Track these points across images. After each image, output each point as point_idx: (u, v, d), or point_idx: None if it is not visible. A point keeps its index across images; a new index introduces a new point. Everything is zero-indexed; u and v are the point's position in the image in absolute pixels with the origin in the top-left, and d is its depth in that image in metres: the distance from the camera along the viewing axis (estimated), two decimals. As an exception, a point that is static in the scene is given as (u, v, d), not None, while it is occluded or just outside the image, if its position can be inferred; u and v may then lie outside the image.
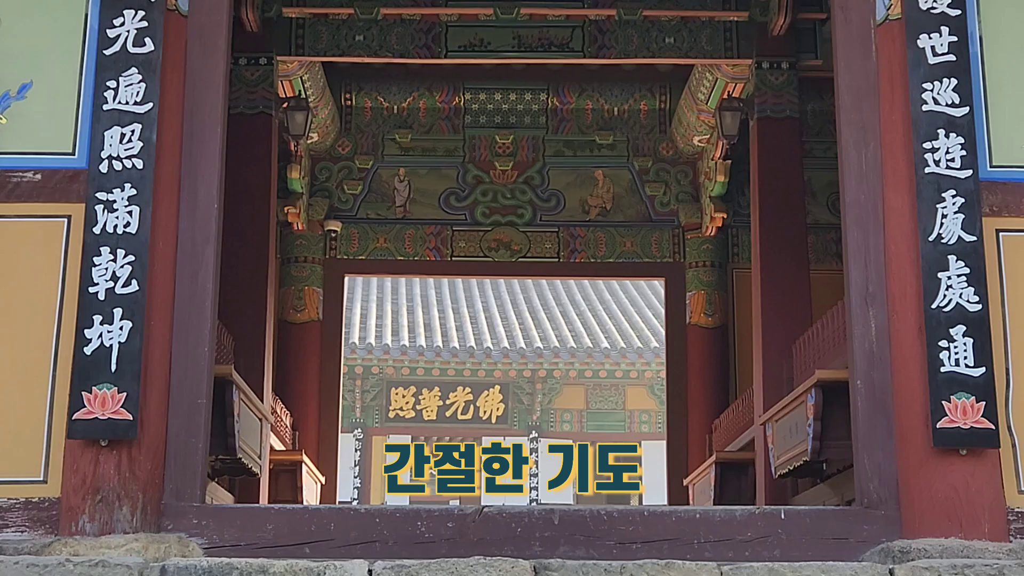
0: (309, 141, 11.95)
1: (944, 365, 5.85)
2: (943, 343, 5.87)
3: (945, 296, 5.92)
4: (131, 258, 5.87)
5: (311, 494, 10.56)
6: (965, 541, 5.70)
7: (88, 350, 5.75)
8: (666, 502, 12.22)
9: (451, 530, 5.89)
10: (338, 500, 12.08)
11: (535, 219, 12.52)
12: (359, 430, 32.52)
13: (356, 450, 32.50)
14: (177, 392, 5.95)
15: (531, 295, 34.07)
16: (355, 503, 32.18)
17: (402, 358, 31.51)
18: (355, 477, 32.33)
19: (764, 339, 9.33)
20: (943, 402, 5.82)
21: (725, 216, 11.98)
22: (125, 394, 5.73)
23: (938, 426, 5.81)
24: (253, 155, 9.77)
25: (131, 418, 5.73)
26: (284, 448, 10.71)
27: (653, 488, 32.93)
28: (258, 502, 8.84)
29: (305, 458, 10.12)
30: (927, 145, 6.08)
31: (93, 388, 5.72)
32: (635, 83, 12.44)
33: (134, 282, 5.85)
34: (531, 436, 33.13)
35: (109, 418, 5.70)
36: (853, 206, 6.26)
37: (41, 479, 5.83)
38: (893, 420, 5.99)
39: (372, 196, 12.53)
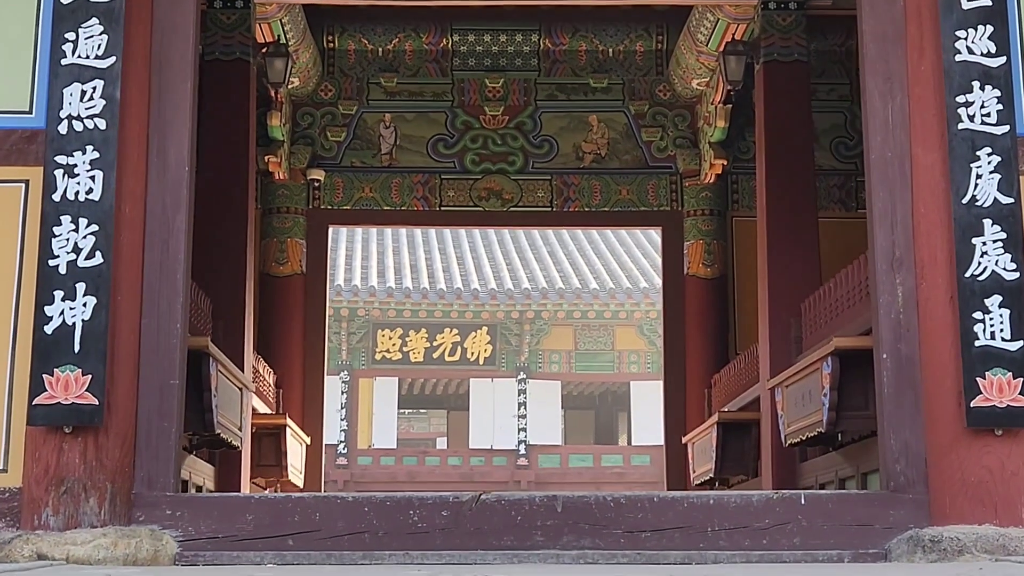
0: (290, 86, 11.40)
1: (978, 338, 5.41)
2: (977, 314, 5.43)
3: (979, 263, 5.46)
4: (94, 227, 5.37)
5: (296, 457, 10.14)
6: (1001, 528, 5.28)
7: (49, 329, 5.28)
8: (664, 461, 11.82)
9: (446, 519, 5.46)
10: (324, 455, 11.65)
11: (527, 166, 12.02)
12: (345, 372, 32.13)
13: (343, 393, 32.12)
14: (147, 372, 5.49)
15: (519, 235, 33.59)
16: (342, 446, 31.88)
17: (388, 300, 31.07)
18: (342, 420, 31.99)
19: (771, 295, 8.88)
20: (977, 379, 5.38)
21: (725, 163, 11.50)
22: (90, 376, 5.27)
23: (972, 405, 5.38)
24: (230, 103, 9.25)
25: (97, 402, 5.27)
26: (268, 410, 10.27)
27: (645, 430, 32.78)
28: (240, 474, 8.41)
29: (289, 422, 9.68)
30: (960, 98, 5.60)
31: (55, 370, 5.25)
32: (631, 23, 11.90)
33: (98, 254, 5.36)
34: (519, 377, 32.77)
35: (73, 403, 5.23)
36: (878, 164, 5.79)
37: (1, 468, 5.38)
38: (921, 396, 5.55)
39: (356, 143, 12.01)
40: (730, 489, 10.30)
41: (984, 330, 5.40)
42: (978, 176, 5.54)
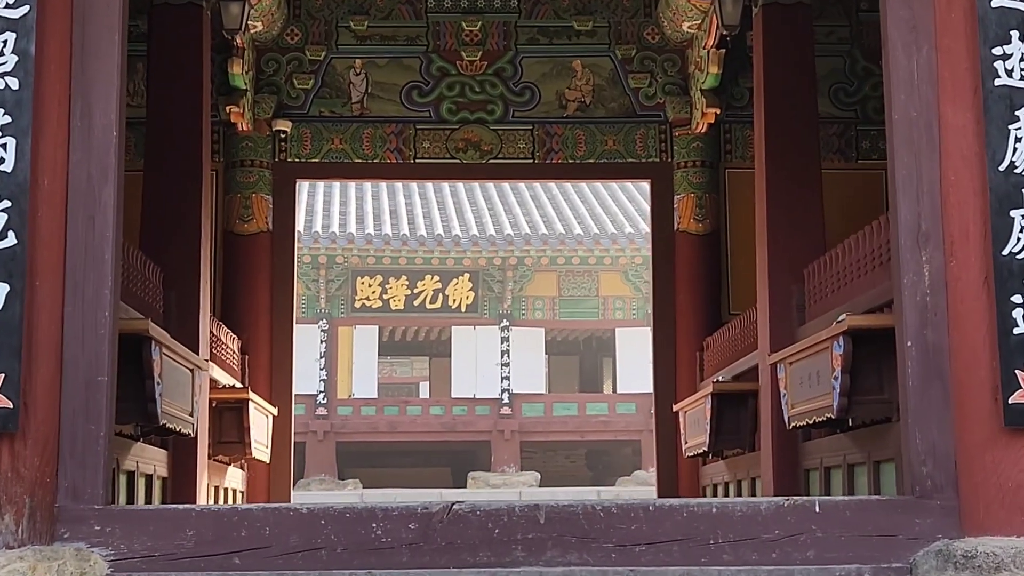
0: (253, 31, 10.63)
1: (1017, 325, 4.75)
2: (1016, 298, 4.77)
3: (1019, 239, 4.80)
4: (6, 204, 4.67)
5: (260, 431, 9.48)
6: (1043, 541, 4.66)
7: (-46, 321, 4.59)
8: (654, 430, 11.19)
9: (414, 532, 4.81)
10: (292, 428, 11.00)
11: (507, 115, 11.29)
12: (324, 321, 31.48)
13: (322, 341, 31.48)
14: (72, 369, 4.80)
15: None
16: (321, 396, 31.28)
17: (367, 247, 30.37)
18: (321, 369, 31.38)
19: (771, 257, 8.20)
20: (1017, 371, 4.73)
21: (718, 111, 10.79)
22: (2, 375, 4.59)
23: (1010, 401, 4.73)
24: (181, 51, 8.50)
25: (11, 405, 4.59)
26: (231, 380, 9.60)
27: (630, 377, 32.22)
28: (196, 458, 7.74)
29: (252, 395, 9.02)
30: (996, 50, 4.91)
31: (-38, 369, 4.57)
32: (617, -39, 11.17)
33: (11, 234, 4.66)
34: (502, 324, 32.15)
35: (-17, 406, 4.56)
36: (902, 125, 5.10)
37: (-96, 479, 4.70)
38: (950, 390, 4.90)
39: (325, 91, 11.26)
40: (723, 461, 9.69)
41: (1024, 316, 4.75)
42: (1017, 139, 4.86)
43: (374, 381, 32.49)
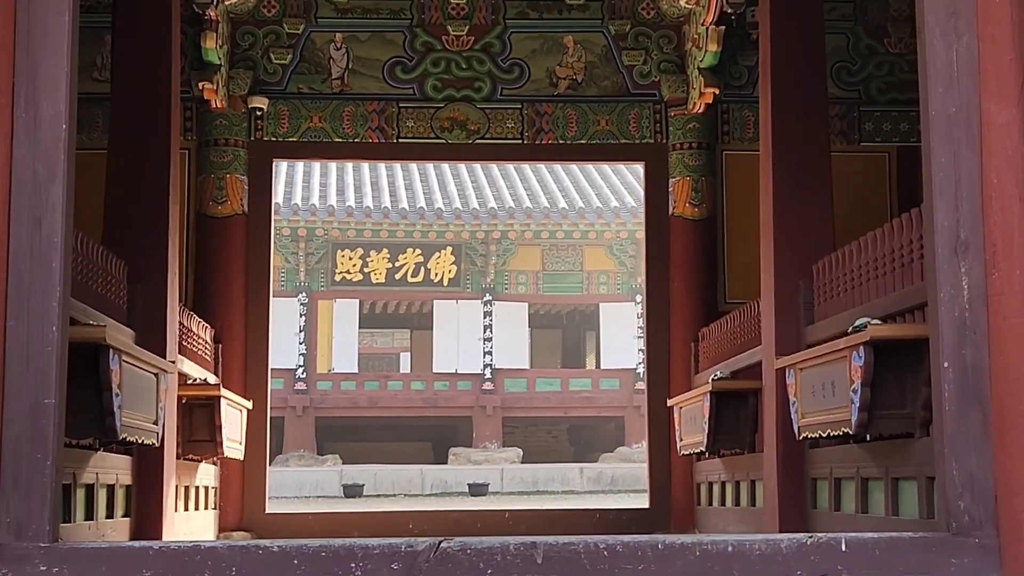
0: (227, 2, 10.07)
1: (1068, 346, 4.29)
2: (1067, 316, 4.30)
3: (1071, 251, 4.33)
4: (-60, 206, 4.16)
5: (234, 428, 8.99)
6: (1093, 586, 4.20)
7: None
8: (646, 425, 10.73)
9: (397, 573, 4.33)
10: (268, 420, 10.50)
11: (495, 93, 10.77)
12: (304, 294, 30.94)
13: (301, 315, 30.95)
14: (15, 391, 4.29)
15: (484, 151, 32.31)
16: (300, 370, 30.75)
17: (348, 220, 29.81)
18: (300, 343, 30.86)
19: (776, 249, 7.69)
20: (1067, 398, 4.27)
21: (717, 91, 10.28)
22: (-65, 400, 4.09)
23: (1060, 430, 4.27)
24: (148, 22, 7.93)
25: (-55, 433, 4.09)
26: (203, 372, 9.10)
27: (614, 352, 31.78)
28: (162, 466, 7.24)
29: (224, 392, 8.52)
30: (1047, 40, 4.42)
31: None
32: (611, -68, 10.64)
33: (-55, 241, 4.15)
34: (485, 299, 31.66)
35: (-87, 435, 4.06)
36: (940, 120, 4.61)
37: None
38: (990, 416, 4.43)
39: (304, 67, 10.71)
40: (720, 458, 9.23)
41: (1076, 336, 4.28)
42: (1069, 140, 4.38)
43: (354, 355, 32.00)
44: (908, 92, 10.79)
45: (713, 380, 8.65)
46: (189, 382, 8.75)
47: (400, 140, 10.66)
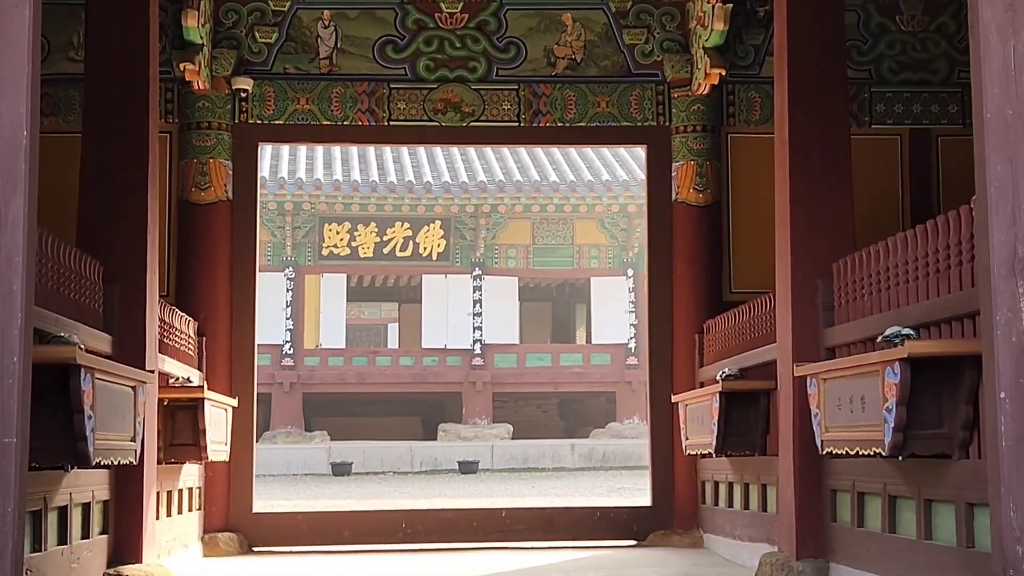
0: (209, -22, 9.59)
1: None
2: None
3: None
4: None
5: (218, 429, 8.55)
6: None
7: None
8: (648, 419, 10.32)
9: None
10: (255, 417, 10.07)
11: (490, 74, 10.29)
12: (290, 269, 30.51)
13: (288, 290, 30.52)
14: (-29, 430, 3.86)
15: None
16: (287, 346, 30.31)
17: (335, 193, 29.34)
18: (287, 319, 30.44)
19: (793, 244, 7.23)
20: None
21: (723, 72, 9.82)
22: None
23: None
24: (121, 5, 7.43)
25: None
26: (186, 369, 8.66)
27: (605, 326, 31.38)
28: (142, 483, 6.79)
29: (208, 393, 8.08)
30: (1117, 37, 4.00)
31: None
32: (612, -97, 10.17)
33: None
34: (474, 273, 31.25)
35: None
36: (995, 124, 4.18)
37: None
38: (1052, 452, 4.03)
39: (290, 46, 10.23)
40: (727, 457, 8.82)
41: None
42: None
43: (342, 331, 31.59)
44: (921, 72, 10.37)
45: (723, 380, 8.23)
46: (171, 382, 8.32)
47: (391, 123, 10.19)
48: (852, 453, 5.72)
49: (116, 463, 5.65)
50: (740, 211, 10.19)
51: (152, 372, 6.34)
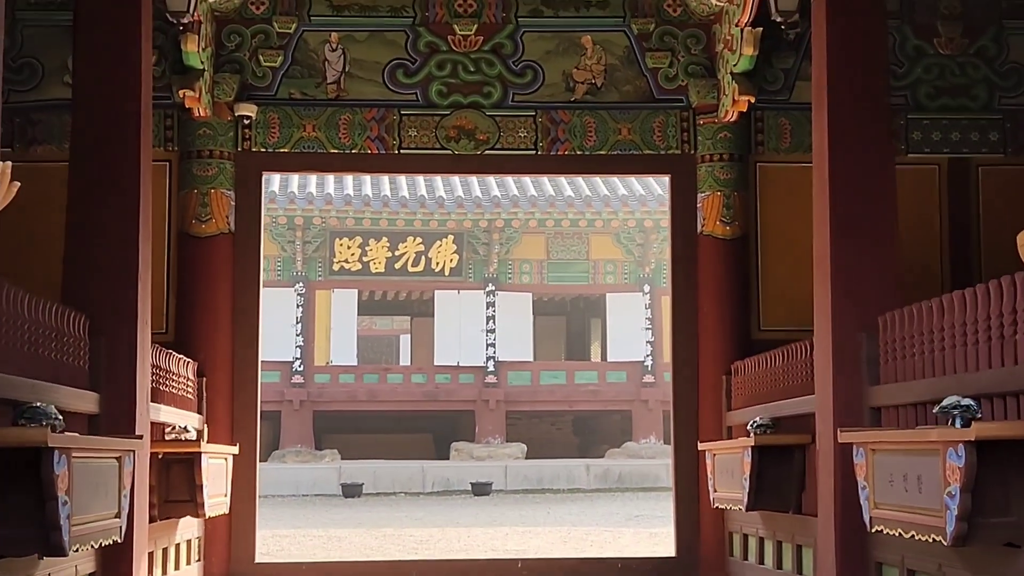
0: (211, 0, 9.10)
1: None
2: None
3: None
4: None
5: (218, 482, 8.05)
6: None
7: None
8: (672, 462, 9.79)
9: None
10: (257, 465, 9.55)
11: (506, 99, 9.80)
12: (300, 284, 30.00)
13: (298, 306, 30.02)
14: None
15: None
16: (297, 363, 29.81)
17: (346, 208, 28.83)
18: (297, 335, 29.94)
19: (834, 291, 6.71)
20: None
21: (752, 99, 9.31)
22: None
23: None
24: (114, 18, 6.92)
25: None
26: (185, 421, 8.15)
27: (621, 343, 30.83)
28: (131, 563, 6.27)
29: (206, 447, 7.57)
30: None
31: None
32: (634, -80, 9.67)
33: None
34: (487, 289, 30.72)
35: None
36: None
37: None
38: None
39: (296, 70, 9.74)
40: (759, 512, 8.28)
41: None
42: None
43: (353, 347, 31.08)
44: (960, 98, 9.83)
45: (755, 433, 7.70)
46: (167, 431, 7.83)
47: (402, 151, 9.70)
48: (907, 536, 5.18)
49: (98, 545, 5.15)
50: (769, 245, 9.68)
51: (140, 438, 5.84)
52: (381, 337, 39.93)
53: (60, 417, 4.89)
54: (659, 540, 15.33)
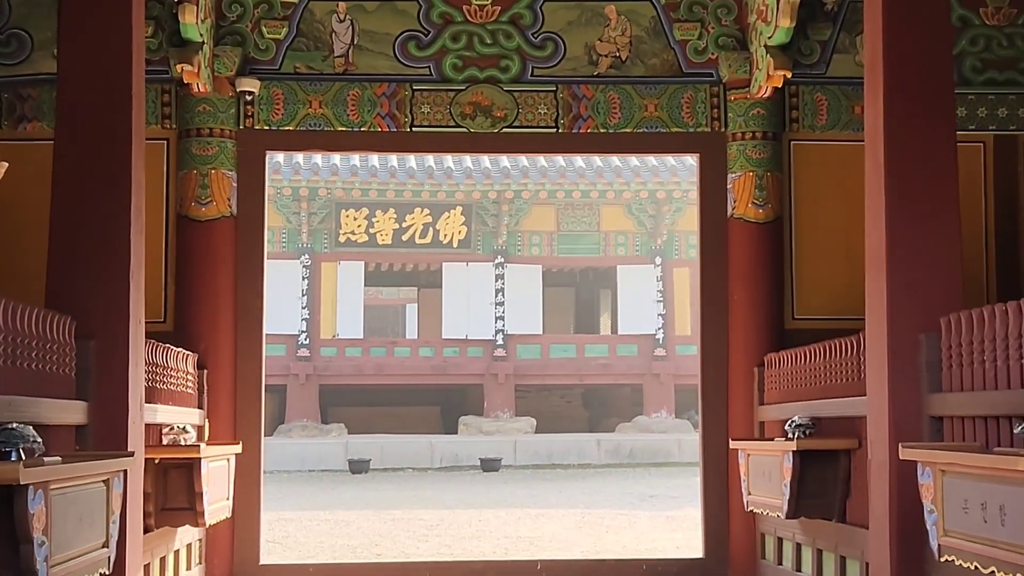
0: (210, -32, 8.52)
1: None
2: None
3: None
4: None
5: (219, 486, 7.53)
6: None
7: None
8: (700, 460, 9.25)
9: None
10: (262, 463, 9.03)
11: (525, 74, 9.21)
12: (306, 256, 29.46)
13: (304, 278, 29.49)
14: None
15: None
16: (303, 336, 29.31)
17: (353, 179, 28.25)
18: (303, 308, 29.42)
19: (890, 291, 6.11)
20: None
21: (788, 74, 8.72)
22: None
23: None
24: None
25: None
26: (185, 420, 7.63)
27: (631, 316, 30.30)
28: (121, 582, 5.76)
29: (206, 451, 7.03)
30: None
31: None
32: None
33: None
34: (496, 261, 30.16)
35: None
36: None
37: None
38: None
39: (301, 43, 9.16)
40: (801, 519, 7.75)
41: None
42: None
43: (360, 320, 30.54)
44: (1008, 72, 9.25)
45: (795, 434, 7.16)
46: (165, 431, 7.31)
47: (414, 129, 9.12)
48: (986, 571, 4.64)
49: (83, 581, 4.64)
50: (805, 228, 9.12)
51: (132, 455, 5.31)
52: (387, 307, 39.40)
53: (39, 440, 4.37)
54: (677, 525, 14.87)
